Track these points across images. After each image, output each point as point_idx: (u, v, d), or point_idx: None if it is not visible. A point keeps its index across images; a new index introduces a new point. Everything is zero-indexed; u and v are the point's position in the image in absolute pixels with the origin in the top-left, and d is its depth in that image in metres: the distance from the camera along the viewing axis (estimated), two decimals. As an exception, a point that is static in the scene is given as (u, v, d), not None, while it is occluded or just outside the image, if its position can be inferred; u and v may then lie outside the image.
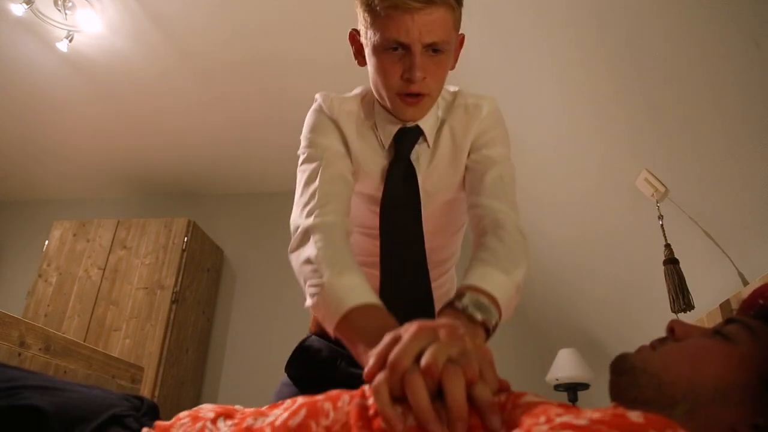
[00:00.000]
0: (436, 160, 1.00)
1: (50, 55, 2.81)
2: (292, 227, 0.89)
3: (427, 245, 0.95)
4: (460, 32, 0.92)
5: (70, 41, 2.64)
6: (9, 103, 3.20)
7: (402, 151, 0.98)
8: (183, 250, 3.34)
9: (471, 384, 0.48)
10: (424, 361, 0.49)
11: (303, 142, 1.00)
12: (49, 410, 0.59)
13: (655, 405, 0.58)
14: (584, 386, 2.44)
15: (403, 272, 0.92)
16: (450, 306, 0.72)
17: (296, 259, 0.85)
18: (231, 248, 3.87)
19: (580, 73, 1.68)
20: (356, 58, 0.97)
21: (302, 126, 1.03)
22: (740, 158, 1.26)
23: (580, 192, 2.02)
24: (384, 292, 0.86)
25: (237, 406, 0.63)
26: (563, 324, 2.87)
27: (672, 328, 0.67)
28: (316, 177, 0.92)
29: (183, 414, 0.61)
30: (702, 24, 1.16)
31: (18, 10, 2.47)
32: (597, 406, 0.48)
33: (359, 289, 0.76)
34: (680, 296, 1.41)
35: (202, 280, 3.50)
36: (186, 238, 3.38)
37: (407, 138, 0.98)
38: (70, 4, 2.49)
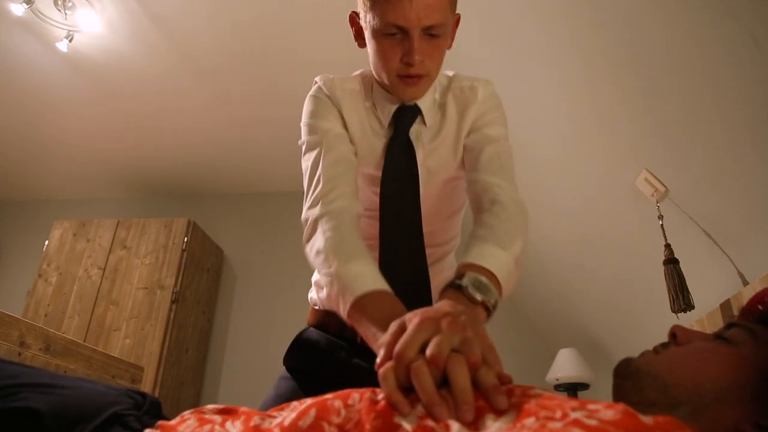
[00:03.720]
0: (437, 139, 1.01)
1: (50, 55, 2.81)
2: (302, 219, 0.90)
3: (426, 227, 0.95)
4: (456, 12, 0.93)
5: (70, 41, 2.64)
6: (9, 103, 3.20)
7: (401, 126, 0.99)
8: (183, 250, 3.34)
9: (475, 369, 0.50)
10: (428, 352, 0.50)
11: (303, 130, 1.00)
12: (46, 411, 0.58)
13: (660, 406, 0.59)
14: (584, 386, 2.45)
15: (401, 239, 0.92)
16: (450, 286, 0.72)
17: (309, 250, 0.87)
18: (231, 248, 3.86)
19: (580, 73, 1.68)
20: (356, 39, 0.98)
21: None
22: (740, 158, 1.26)
23: (580, 192, 2.02)
24: (382, 265, 0.86)
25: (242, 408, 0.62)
26: (563, 324, 2.87)
27: (674, 333, 0.68)
28: (319, 163, 0.92)
29: (187, 413, 0.59)
30: (702, 24, 1.16)
31: (18, 10, 2.47)
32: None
33: (367, 275, 0.77)
34: (680, 296, 1.41)
35: (202, 280, 3.50)
36: (186, 238, 3.38)
37: (406, 115, 0.99)
38: (70, 4, 2.49)
